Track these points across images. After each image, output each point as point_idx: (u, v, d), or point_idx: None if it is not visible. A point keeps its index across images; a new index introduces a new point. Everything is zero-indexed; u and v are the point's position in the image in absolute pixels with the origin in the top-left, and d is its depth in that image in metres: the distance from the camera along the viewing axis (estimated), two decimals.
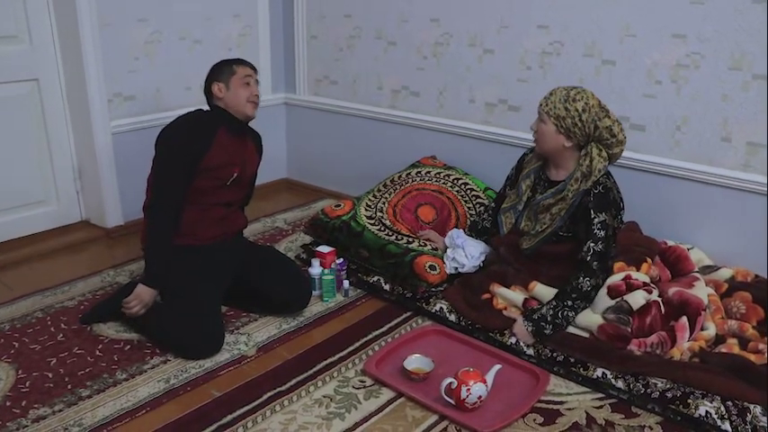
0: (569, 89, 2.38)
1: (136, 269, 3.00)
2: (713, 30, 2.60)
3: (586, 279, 2.32)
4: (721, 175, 2.68)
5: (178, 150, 2.46)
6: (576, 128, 2.35)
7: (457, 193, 3.15)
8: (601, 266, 2.34)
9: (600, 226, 2.33)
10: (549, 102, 2.39)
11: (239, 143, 2.60)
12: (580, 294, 2.32)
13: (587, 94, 2.37)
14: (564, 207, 2.41)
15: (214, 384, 2.22)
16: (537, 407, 2.11)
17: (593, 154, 2.36)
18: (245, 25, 3.81)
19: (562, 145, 2.40)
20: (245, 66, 2.60)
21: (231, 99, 2.55)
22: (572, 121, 2.34)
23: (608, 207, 2.35)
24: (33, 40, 3.08)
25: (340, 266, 2.85)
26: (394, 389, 2.19)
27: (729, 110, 2.64)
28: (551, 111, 2.37)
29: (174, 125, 2.54)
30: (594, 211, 2.34)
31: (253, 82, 2.59)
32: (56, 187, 3.32)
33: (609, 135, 2.35)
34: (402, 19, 3.49)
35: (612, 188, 2.39)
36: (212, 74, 2.60)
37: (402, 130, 3.64)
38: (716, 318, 2.40)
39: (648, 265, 2.50)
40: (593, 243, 2.33)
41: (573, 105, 2.34)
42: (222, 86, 2.55)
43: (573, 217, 2.41)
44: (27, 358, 2.34)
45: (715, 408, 2.01)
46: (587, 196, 2.37)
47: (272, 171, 4.09)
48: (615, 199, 2.39)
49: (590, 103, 2.35)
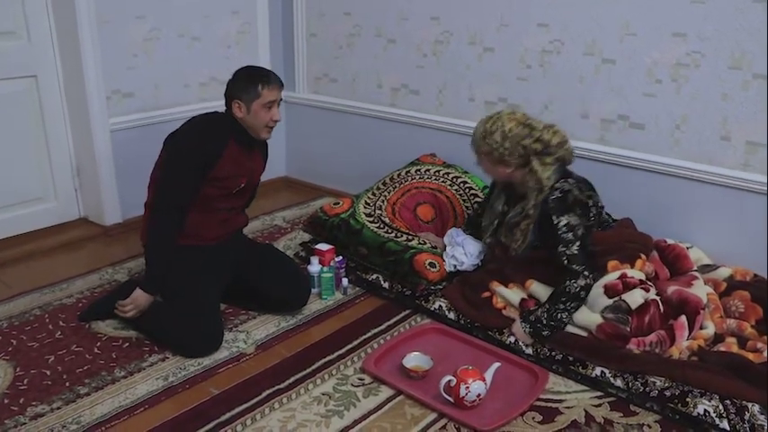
0: (485, 121, 2.45)
1: (134, 267, 3.00)
2: (713, 29, 2.59)
3: (572, 282, 2.31)
4: (721, 174, 2.68)
5: (188, 158, 2.41)
6: (506, 156, 2.39)
7: (456, 192, 3.15)
8: (583, 267, 2.31)
9: (565, 229, 2.33)
10: (474, 142, 2.47)
11: (248, 155, 2.55)
12: (569, 297, 2.31)
13: (503, 120, 2.40)
14: (530, 222, 2.44)
15: (213, 382, 2.22)
16: (536, 405, 2.11)
17: (536, 167, 2.39)
18: (244, 22, 3.81)
19: (506, 173, 2.45)
20: (273, 88, 2.42)
21: (249, 121, 2.44)
22: (499, 152, 2.39)
23: (570, 208, 2.35)
24: (31, 36, 3.07)
25: (339, 264, 2.84)
26: (393, 387, 2.19)
27: (729, 109, 2.63)
28: (479, 149, 2.45)
29: (186, 130, 2.47)
30: (556, 216, 2.35)
31: (275, 106, 2.45)
32: (54, 185, 3.32)
33: (541, 146, 2.38)
34: (402, 17, 3.49)
35: (572, 189, 2.38)
36: (236, 86, 2.43)
37: (401, 128, 3.64)
38: (715, 317, 2.39)
39: (643, 262, 2.49)
40: (563, 247, 2.32)
41: (492, 138, 2.39)
42: (243, 107, 2.42)
43: (539, 228, 2.42)
44: (25, 356, 2.34)
45: (713, 406, 2.01)
46: (545, 204, 2.38)
47: (271, 169, 4.03)
48: (577, 198, 2.38)
49: (506, 128, 2.38)
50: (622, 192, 2.86)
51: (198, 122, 2.50)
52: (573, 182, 2.41)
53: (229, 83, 2.46)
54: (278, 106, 2.47)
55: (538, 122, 2.42)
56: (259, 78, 2.42)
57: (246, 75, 2.45)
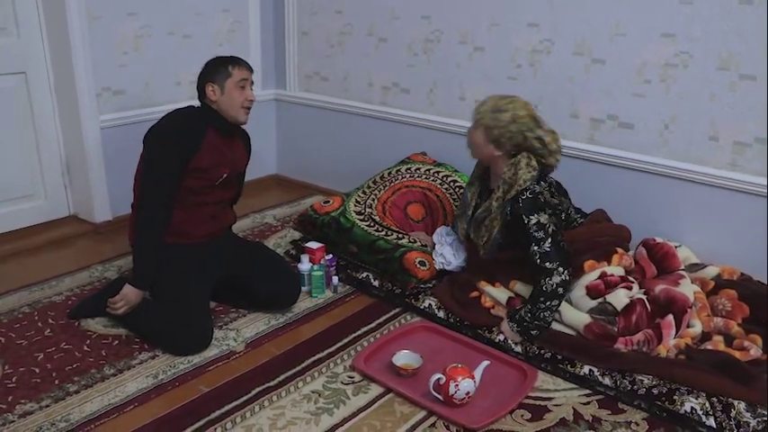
0: (501, 98, 2.40)
1: (124, 264, 2.99)
2: (701, 30, 2.61)
3: (547, 280, 2.31)
4: (709, 174, 2.70)
5: (168, 151, 2.41)
6: (504, 138, 2.36)
7: (446, 191, 3.16)
8: (557, 263, 2.31)
9: (536, 227, 2.33)
10: (480, 110, 2.40)
11: (229, 144, 2.57)
12: (547, 295, 2.31)
13: (517, 105, 2.37)
14: (494, 219, 2.42)
15: (203, 380, 2.22)
16: (524, 403, 2.12)
17: (522, 164, 2.37)
18: (235, 20, 3.80)
19: (492, 154, 2.42)
20: (242, 68, 2.49)
21: (225, 103, 2.47)
22: (499, 131, 2.35)
23: (540, 208, 2.35)
24: (21, 32, 3.06)
25: (329, 262, 2.85)
26: (382, 384, 2.20)
27: (717, 109, 2.65)
28: (481, 119, 2.39)
29: (163, 125, 2.47)
30: (527, 216, 2.34)
31: (248, 85, 2.50)
32: (43, 181, 3.30)
33: (540, 145, 2.37)
34: (393, 16, 3.49)
35: (543, 192, 2.38)
36: (207, 72, 2.49)
37: (392, 126, 3.64)
38: (702, 315, 2.41)
39: (620, 256, 2.49)
40: (536, 246, 2.33)
41: (501, 115, 2.35)
42: (216, 89, 2.46)
43: (508, 228, 2.41)
44: (14, 353, 2.33)
45: (700, 404, 2.03)
46: (516, 204, 2.37)
47: (261, 167, 4.09)
48: (547, 200, 2.38)
49: (519, 114, 2.35)
50: (611, 191, 2.88)
51: (174, 116, 2.52)
52: (545, 185, 2.41)
53: (200, 74, 2.51)
54: (251, 89, 2.52)
55: (544, 123, 2.41)
56: (228, 60, 2.50)
57: (215, 60, 2.52)
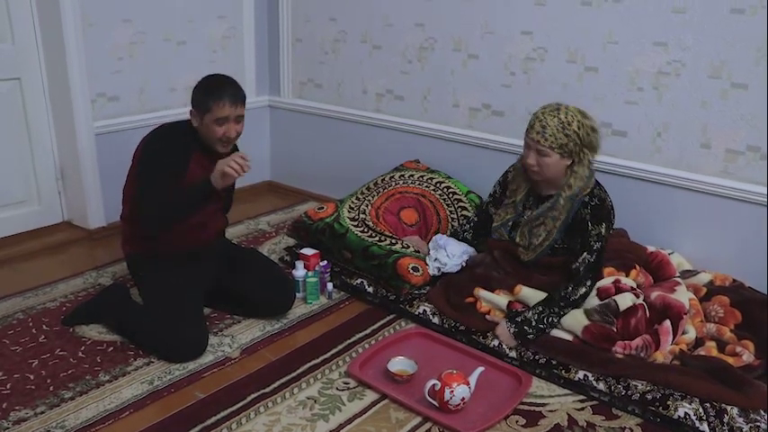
0: (556, 113, 2.34)
1: (118, 271, 2.98)
2: (693, 38, 2.64)
3: (577, 289, 2.35)
4: (701, 181, 2.72)
5: (160, 164, 2.38)
6: (575, 145, 2.35)
7: (439, 197, 3.17)
8: (591, 276, 2.37)
9: (596, 238, 2.36)
10: (546, 136, 2.32)
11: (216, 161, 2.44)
12: (568, 303, 2.35)
13: (570, 110, 2.36)
14: (558, 219, 2.43)
15: (198, 386, 2.22)
16: (519, 409, 2.13)
17: (585, 162, 2.38)
18: (229, 27, 3.81)
19: (565, 166, 2.40)
20: (224, 104, 2.33)
21: (202, 132, 2.41)
22: (574, 143, 2.34)
23: (605, 219, 2.38)
24: (16, 38, 3.06)
25: (324, 269, 2.85)
26: (378, 391, 2.20)
27: (709, 117, 2.68)
28: (554, 143, 2.33)
29: (154, 141, 2.44)
30: (592, 223, 2.37)
31: (229, 123, 2.36)
32: (37, 188, 3.30)
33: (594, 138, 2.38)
34: (387, 23, 3.51)
35: (606, 198, 2.42)
36: (194, 95, 2.40)
37: (386, 133, 3.65)
38: (695, 321, 2.43)
39: (637, 272, 2.54)
40: (588, 254, 2.36)
41: (570, 129, 2.33)
42: (197, 117, 2.39)
43: (569, 230, 2.43)
44: (8, 360, 2.32)
45: (693, 409, 2.04)
46: (584, 209, 2.39)
47: (255, 173, 4.08)
48: (609, 210, 2.41)
49: (577, 118, 2.35)
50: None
51: (163, 132, 2.48)
52: (606, 191, 2.44)
53: (193, 90, 2.43)
54: (236, 122, 2.39)
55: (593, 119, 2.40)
56: (211, 92, 2.35)
57: (204, 86, 2.41)
